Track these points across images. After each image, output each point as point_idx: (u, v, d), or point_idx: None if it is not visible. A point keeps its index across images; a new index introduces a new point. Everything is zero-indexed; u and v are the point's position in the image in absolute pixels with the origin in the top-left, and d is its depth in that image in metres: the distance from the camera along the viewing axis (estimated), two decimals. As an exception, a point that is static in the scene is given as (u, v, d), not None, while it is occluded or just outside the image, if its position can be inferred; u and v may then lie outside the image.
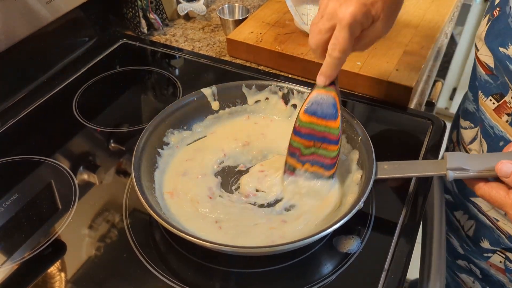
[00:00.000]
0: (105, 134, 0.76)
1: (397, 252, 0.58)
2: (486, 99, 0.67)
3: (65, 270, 0.57)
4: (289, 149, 0.63)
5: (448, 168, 0.55)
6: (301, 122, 0.61)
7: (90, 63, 0.91)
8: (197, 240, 0.52)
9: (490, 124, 0.67)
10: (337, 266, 0.57)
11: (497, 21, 0.62)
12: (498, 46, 0.60)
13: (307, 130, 0.61)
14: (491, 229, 0.73)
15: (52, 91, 0.84)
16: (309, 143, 0.61)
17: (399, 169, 0.59)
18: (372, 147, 0.61)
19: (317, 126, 0.60)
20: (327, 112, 0.60)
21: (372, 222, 0.61)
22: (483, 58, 0.66)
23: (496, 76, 0.64)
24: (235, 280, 0.57)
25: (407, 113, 0.79)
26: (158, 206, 0.58)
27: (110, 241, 0.60)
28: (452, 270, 0.88)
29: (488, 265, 0.77)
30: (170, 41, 1.00)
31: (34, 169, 0.70)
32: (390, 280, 0.55)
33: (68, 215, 0.63)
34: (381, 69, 0.82)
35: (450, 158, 0.55)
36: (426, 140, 0.74)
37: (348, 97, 0.83)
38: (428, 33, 0.91)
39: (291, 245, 0.51)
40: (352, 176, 0.63)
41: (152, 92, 0.88)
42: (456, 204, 0.82)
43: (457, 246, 0.84)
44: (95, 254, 0.58)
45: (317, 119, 0.60)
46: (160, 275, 0.56)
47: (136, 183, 0.58)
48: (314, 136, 0.61)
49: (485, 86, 0.66)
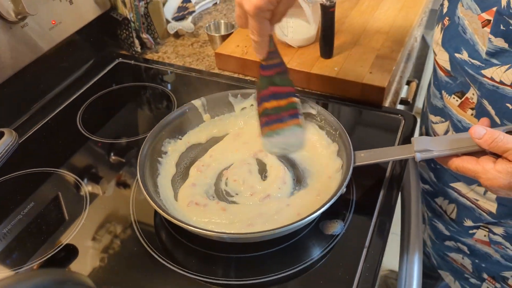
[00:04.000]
0: (106, 145, 0.83)
1: (376, 231, 0.66)
2: (449, 97, 0.75)
3: (83, 268, 0.64)
4: (260, 120, 0.71)
5: (416, 150, 0.63)
6: (262, 84, 0.69)
7: (90, 82, 0.99)
8: (195, 229, 0.59)
9: (458, 118, 0.75)
10: (324, 247, 0.64)
11: (449, 30, 0.70)
12: (453, 52, 0.69)
13: (268, 92, 0.69)
14: (472, 209, 0.80)
15: (57, 109, 0.92)
16: (273, 103, 0.70)
17: (374, 155, 0.68)
18: (349, 139, 0.70)
19: (274, 83, 0.69)
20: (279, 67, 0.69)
21: (354, 205, 0.69)
22: (441, 62, 0.74)
23: (454, 77, 0.72)
24: (235, 264, 0.64)
25: (382, 111, 0.87)
26: (164, 207, 0.65)
27: (121, 240, 0.67)
28: (441, 251, 0.95)
29: (474, 240, 0.84)
30: (162, 58, 1.07)
31: (46, 179, 0.77)
32: (370, 256, 0.62)
33: (80, 220, 0.70)
34: (356, 73, 0.90)
35: (417, 142, 0.64)
36: (400, 132, 0.82)
37: (327, 99, 0.91)
38: (397, 38, 1.00)
39: (278, 230, 0.59)
40: (334, 166, 0.71)
41: (147, 106, 0.96)
42: (435, 191, 0.90)
43: (443, 229, 0.91)
44: (110, 252, 0.65)
45: (273, 76, 0.69)
46: (169, 265, 0.63)
47: (141, 183, 0.65)
48: (275, 94, 0.70)
49: (447, 86, 0.75)
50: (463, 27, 0.67)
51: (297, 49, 0.98)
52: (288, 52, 0.97)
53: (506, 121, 0.66)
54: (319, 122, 0.78)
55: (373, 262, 0.62)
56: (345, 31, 1.03)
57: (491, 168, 0.55)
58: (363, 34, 1.01)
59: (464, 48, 0.67)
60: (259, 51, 0.65)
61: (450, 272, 0.97)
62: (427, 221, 0.97)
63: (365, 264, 0.61)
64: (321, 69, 0.92)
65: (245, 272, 0.63)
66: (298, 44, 0.99)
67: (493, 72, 0.63)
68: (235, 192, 0.72)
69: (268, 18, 0.61)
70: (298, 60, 0.95)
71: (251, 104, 0.83)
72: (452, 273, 0.96)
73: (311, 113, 0.78)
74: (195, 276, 0.62)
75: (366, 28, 1.03)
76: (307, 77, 0.93)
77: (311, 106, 0.78)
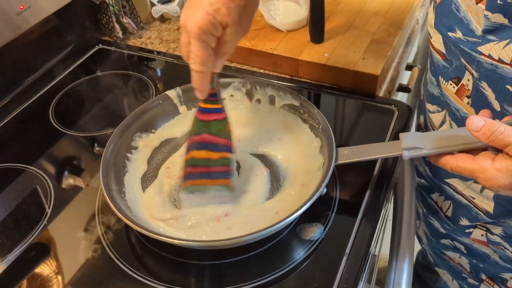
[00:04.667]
0: (86, 139, 0.78)
1: (358, 236, 0.60)
2: (447, 83, 0.68)
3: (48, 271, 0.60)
4: (184, 170, 0.62)
5: (403, 148, 0.57)
6: (195, 129, 0.62)
7: (67, 70, 0.93)
8: (162, 238, 0.54)
9: (455, 107, 0.68)
10: (300, 254, 0.59)
11: (441, 8, 0.63)
12: (447, 31, 0.62)
13: (200, 138, 0.62)
14: (468, 207, 0.74)
15: (30, 99, 0.87)
16: (203, 154, 0.61)
17: (358, 153, 0.61)
18: (332, 134, 0.64)
19: (210, 130, 0.62)
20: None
21: (336, 206, 0.64)
22: (436, 45, 0.67)
23: (450, 60, 0.65)
24: (208, 272, 0.59)
25: (374, 101, 0.81)
26: (128, 209, 0.60)
27: (85, 245, 0.62)
28: (438, 249, 0.90)
29: (471, 240, 0.79)
30: (145, 44, 1.02)
31: (15, 177, 0.72)
32: (350, 264, 0.57)
33: (46, 220, 0.65)
34: (348, 59, 0.83)
35: (404, 138, 0.57)
36: (392, 125, 0.75)
37: (316, 88, 0.84)
38: (396, 20, 0.92)
39: (249, 236, 0.53)
40: (315, 163, 0.65)
41: (128, 95, 0.91)
42: (431, 187, 0.84)
43: (439, 226, 0.86)
44: (73, 257, 0.61)
45: (209, 122, 0.62)
46: (135, 274, 0.58)
47: (104, 188, 0.60)
48: (208, 144, 0.62)
49: (444, 71, 0.68)
50: (456, 4, 0.60)
51: (286, 33, 0.92)
52: (276, 36, 0.91)
53: (506, 106, 0.59)
54: (302, 114, 0.71)
55: (353, 272, 0.56)
56: (339, 13, 0.95)
57: (489, 166, 0.49)
58: (358, 16, 0.94)
59: (458, 27, 0.60)
60: (199, 87, 0.58)
61: (447, 271, 0.91)
62: (422, 217, 0.91)
63: (343, 274, 0.56)
64: (310, 55, 0.85)
65: (218, 280, 0.58)
66: (287, 28, 0.92)
67: (490, 49, 0.56)
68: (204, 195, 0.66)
69: (212, 45, 0.55)
70: (286, 45, 0.88)
71: (231, 94, 0.77)
72: (449, 272, 0.91)
73: (293, 105, 0.72)
74: (164, 287, 0.57)
75: (362, 10, 0.96)
76: (295, 64, 0.86)
77: (293, 98, 0.71)
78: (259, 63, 0.91)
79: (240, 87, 0.76)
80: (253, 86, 0.75)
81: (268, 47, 0.88)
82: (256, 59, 0.90)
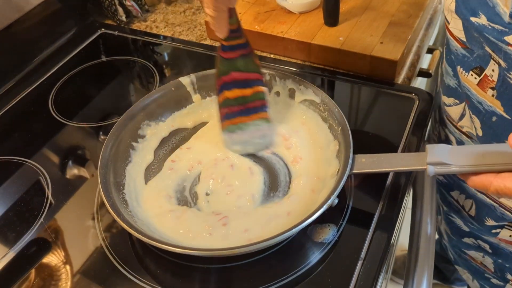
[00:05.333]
0: (89, 129, 0.75)
1: (374, 240, 0.55)
2: (467, 74, 0.62)
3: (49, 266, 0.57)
4: (220, 111, 0.63)
5: (429, 162, 0.51)
6: (222, 69, 0.60)
7: (68, 57, 0.89)
8: (159, 245, 0.50)
9: (478, 100, 0.62)
10: (312, 256, 0.54)
11: None
12: (469, 15, 0.55)
13: (229, 78, 0.60)
14: (492, 207, 0.69)
15: (28, 89, 0.83)
16: (236, 92, 0.61)
17: (377, 163, 0.56)
18: (351, 139, 0.58)
19: (238, 67, 0.60)
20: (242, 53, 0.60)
21: (351, 205, 0.59)
22: (455, 32, 0.61)
23: (471, 49, 0.59)
24: (215, 276, 0.55)
25: (393, 89, 0.75)
26: (123, 205, 0.57)
27: (83, 248, 0.59)
28: (458, 248, 0.85)
29: (498, 240, 0.73)
30: (150, 28, 0.97)
31: (13, 171, 0.69)
32: (365, 269, 0.52)
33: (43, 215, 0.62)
34: (365, 43, 0.77)
35: (431, 151, 0.51)
36: (412, 115, 0.70)
37: (330, 75, 0.79)
38: (416, 0, 0.85)
39: (254, 246, 0.49)
40: (329, 169, 0.60)
41: (133, 82, 0.86)
42: (450, 184, 0.78)
43: (461, 224, 0.80)
44: (72, 263, 0.58)
45: (236, 59, 0.60)
46: (136, 279, 0.54)
47: (100, 181, 0.56)
48: (238, 82, 0.60)
49: (463, 61, 0.62)
50: None
51: (298, 15, 0.86)
52: (287, 19, 0.85)
53: None
54: (322, 112, 0.66)
55: (369, 278, 0.51)
56: (355, -7, 0.89)
57: None
58: (376, -4, 0.87)
59: (482, 10, 0.54)
60: (217, 28, 0.55)
61: (467, 270, 0.86)
62: (442, 215, 0.86)
63: (358, 281, 0.51)
64: (324, 39, 0.80)
65: (226, 285, 0.54)
66: (300, 10, 0.86)
67: None
68: (214, 193, 0.62)
69: None
70: (298, 28, 0.83)
71: None
72: (470, 272, 0.86)
73: (314, 101, 0.67)
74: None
75: (380, -11, 0.89)
76: (307, 48, 0.81)
77: (315, 93, 0.66)
78: (269, 48, 0.85)
79: None
80: (272, 77, 0.70)
81: (279, 31, 0.83)
82: (265, 44, 0.85)
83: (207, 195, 0.62)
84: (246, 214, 0.58)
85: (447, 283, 1.44)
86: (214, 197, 0.61)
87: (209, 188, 0.62)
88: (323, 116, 0.66)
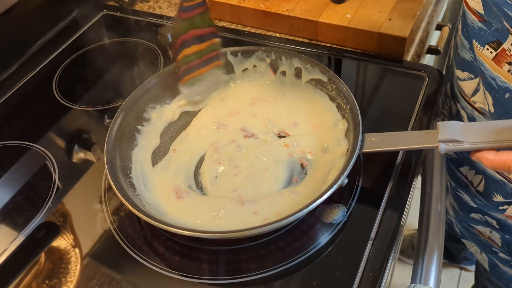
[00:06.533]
0: (94, 113, 0.74)
1: (384, 220, 0.54)
2: (482, 48, 0.60)
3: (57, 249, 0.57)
4: (180, 69, 0.65)
5: (440, 140, 0.50)
6: (181, 29, 0.63)
7: (71, 39, 0.88)
8: (168, 228, 0.50)
9: (492, 75, 0.60)
10: (321, 237, 0.54)
11: None
12: None
13: (188, 36, 0.64)
14: (502, 183, 0.68)
15: (31, 72, 0.82)
16: (193, 48, 0.65)
17: (387, 142, 0.55)
18: (360, 117, 0.57)
19: (196, 25, 0.64)
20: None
21: (360, 185, 0.58)
22: (473, 5, 0.59)
23: (489, 22, 0.57)
24: (223, 258, 0.55)
25: (402, 66, 0.73)
26: (131, 188, 0.56)
27: (91, 230, 0.59)
28: (466, 222, 0.84)
29: (505, 216, 0.73)
30: (153, 8, 0.95)
31: (19, 156, 0.68)
32: (375, 250, 0.52)
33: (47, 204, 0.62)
34: (373, 20, 0.76)
35: (442, 128, 0.50)
36: (421, 93, 0.68)
37: (337, 53, 0.77)
38: (426, -25, 0.83)
39: (263, 228, 0.49)
40: (338, 148, 0.59)
41: (137, 64, 0.85)
42: (460, 159, 0.77)
43: (469, 200, 0.80)
44: (81, 246, 0.58)
45: (194, 17, 0.63)
46: (145, 261, 0.54)
47: (107, 165, 0.56)
48: (196, 38, 0.65)
49: (480, 34, 0.60)
50: None
51: (304, -8, 0.84)
52: (292, -4, 0.83)
53: None
54: (330, 91, 0.65)
55: (379, 259, 0.51)
56: (362, -32, 0.86)
57: None
58: (384, -29, 0.85)
59: None
60: None
61: (476, 244, 0.86)
62: (450, 190, 0.85)
63: (369, 261, 0.51)
64: (330, 17, 0.78)
65: (234, 267, 0.54)
66: (305, -13, 0.83)
67: None
68: (221, 176, 0.61)
69: None
70: (304, 6, 0.81)
71: (254, 65, 0.71)
72: (478, 245, 0.85)
73: (321, 80, 0.65)
74: (177, 276, 0.53)
75: (388, -37, 0.86)
76: (314, 26, 0.79)
77: (322, 72, 0.65)
78: (275, 27, 0.84)
79: (264, 57, 0.69)
80: (278, 56, 0.68)
81: (284, 9, 0.81)
82: (271, 22, 0.83)
83: (215, 177, 0.61)
84: (254, 195, 0.57)
85: (454, 262, 1.45)
86: (221, 179, 0.61)
87: (217, 171, 0.61)
88: (330, 95, 0.65)
